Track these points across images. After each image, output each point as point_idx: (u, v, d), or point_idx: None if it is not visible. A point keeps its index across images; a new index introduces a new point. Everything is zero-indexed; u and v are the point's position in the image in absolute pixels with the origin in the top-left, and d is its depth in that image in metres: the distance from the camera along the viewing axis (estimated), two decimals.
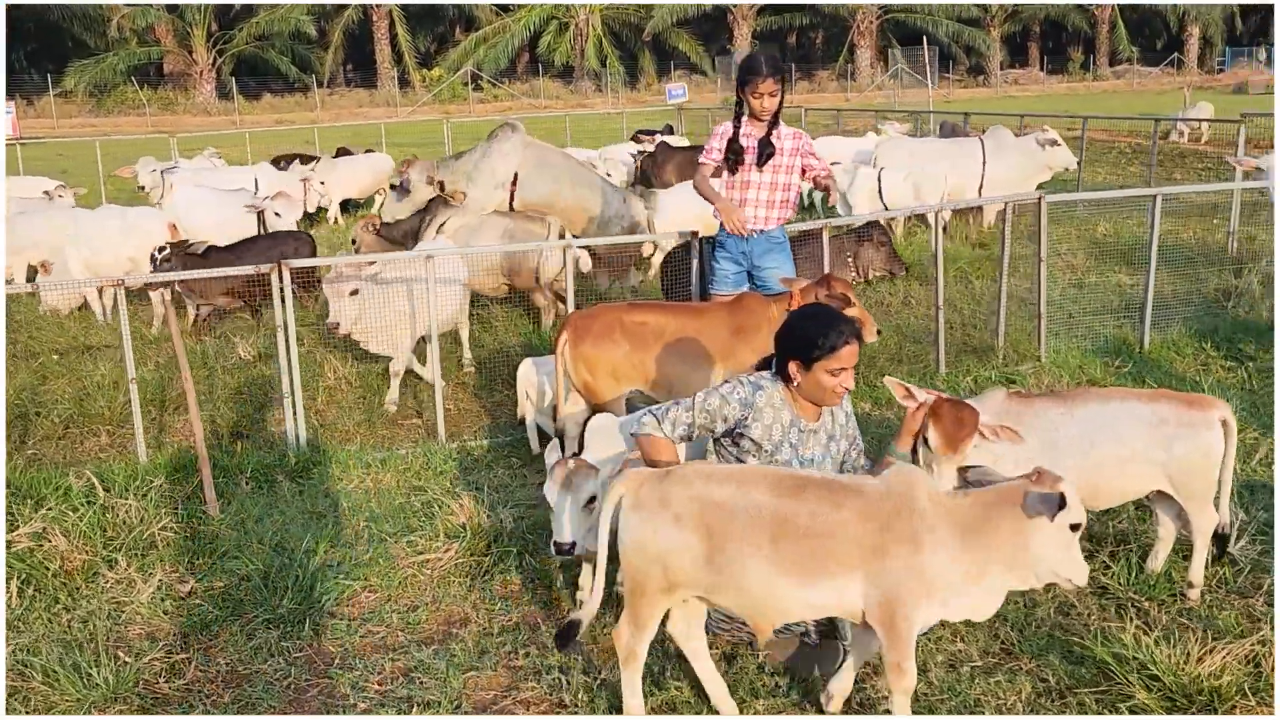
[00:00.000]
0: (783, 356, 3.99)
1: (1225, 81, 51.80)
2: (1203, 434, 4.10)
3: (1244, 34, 66.53)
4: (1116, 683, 3.63)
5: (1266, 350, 7.29)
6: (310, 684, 4.06)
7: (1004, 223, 7.10)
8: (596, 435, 4.49)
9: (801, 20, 61.56)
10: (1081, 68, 64.17)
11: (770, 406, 3.94)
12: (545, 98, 55.79)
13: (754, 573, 3.27)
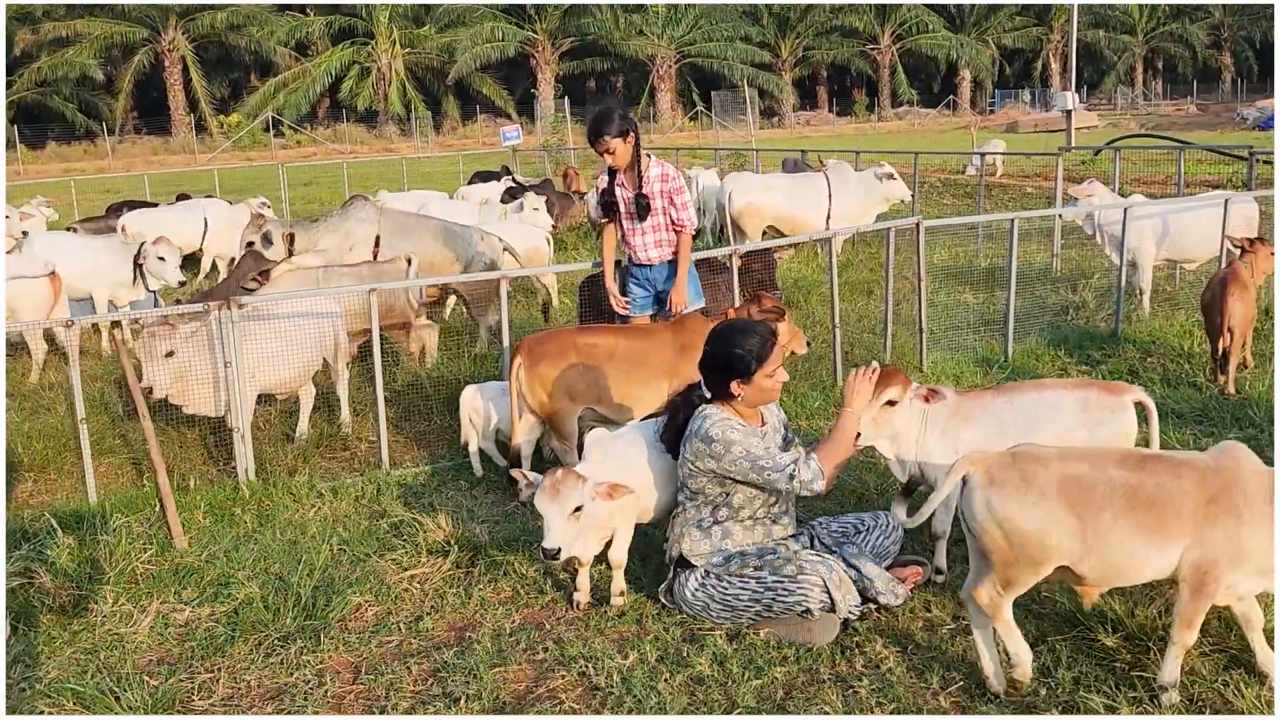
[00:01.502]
0: (719, 379, 4.47)
1: (998, 121, 55.50)
2: (1120, 415, 4.76)
3: (1010, 77, 71.50)
4: (1083, 628, 4.21)
5: (1111, 355, 8.21)
6: (346, 691, 4.26)
7: (888, 247, 7.78)
8: (595, 447, 4.83)
9: (602, 65, 62.91)
10: (866, 109, 67.65)
11: (727, 420, 4.43)
12: (350, 142, 55.23)
13: (1117, 541, 3.62)
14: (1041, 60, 70.40)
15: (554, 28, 59.36)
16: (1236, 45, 73.34)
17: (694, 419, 4.52)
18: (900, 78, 66.30)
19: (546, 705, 4.03)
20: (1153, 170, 19.23)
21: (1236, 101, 60.07)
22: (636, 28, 59.72)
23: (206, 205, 14.33)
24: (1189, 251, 9.41)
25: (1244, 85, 69.32)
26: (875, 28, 65.14)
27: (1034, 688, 3.91)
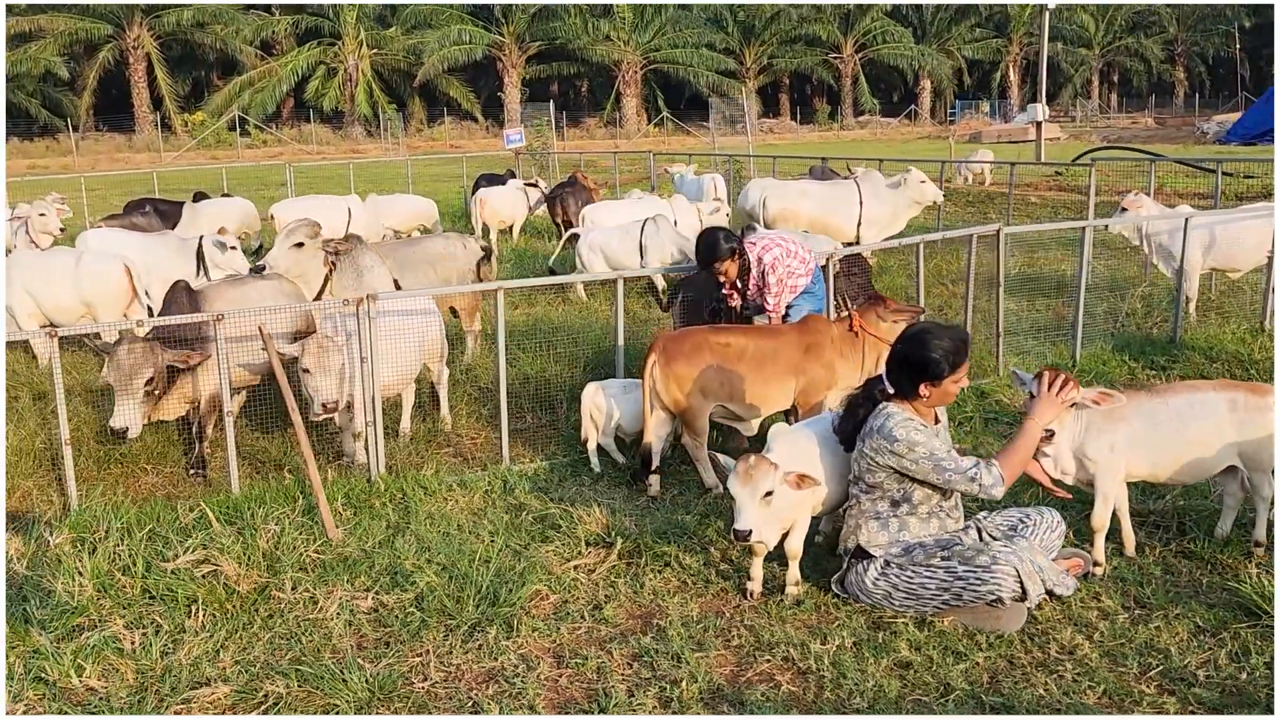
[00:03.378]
0: (910, 378, 4.66)
1: (961, 131, 56.29)
2: (1267, 415, 5.02)
3: (970, 88, 72.53)
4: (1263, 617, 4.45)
5: (1173, 360, 8.52)
6: (556, 674, 4.39)
7: (970, 253, 8.03)
8: (779, 438, 5.00)
9: (569, 69, 63.04)
10: (829, 117, 68.32)
11: (911, 420, 4.62)
12: (316, 143, 54.91)
13: None
14: (1001, 72, 71.51)
15: (521, 31, 59.41)
16: (1190, 60, 74.89)
17: (875, 415, 4.70)
18: (863, 87, 67.07)
19: (763, 688, 4.19)
20: (1128, 182, 19.78)
21: (1192, 115, 61.34)
22: (604, 33, 59.90)
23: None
24: (1235, 261, 9.76)
25: (1198, 99, 70.77)
26: (839, 37, 65.88)
27: (1232, 671, 4.14)
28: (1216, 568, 5.05)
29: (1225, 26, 72.35)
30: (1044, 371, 4.83)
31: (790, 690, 4.19)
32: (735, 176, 21.62)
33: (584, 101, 68.91)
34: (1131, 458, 4.94)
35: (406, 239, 9.97)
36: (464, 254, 9.60)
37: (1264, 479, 5.08)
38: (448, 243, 9.68)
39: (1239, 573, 4.88)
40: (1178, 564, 5.11)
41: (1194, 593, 4.82)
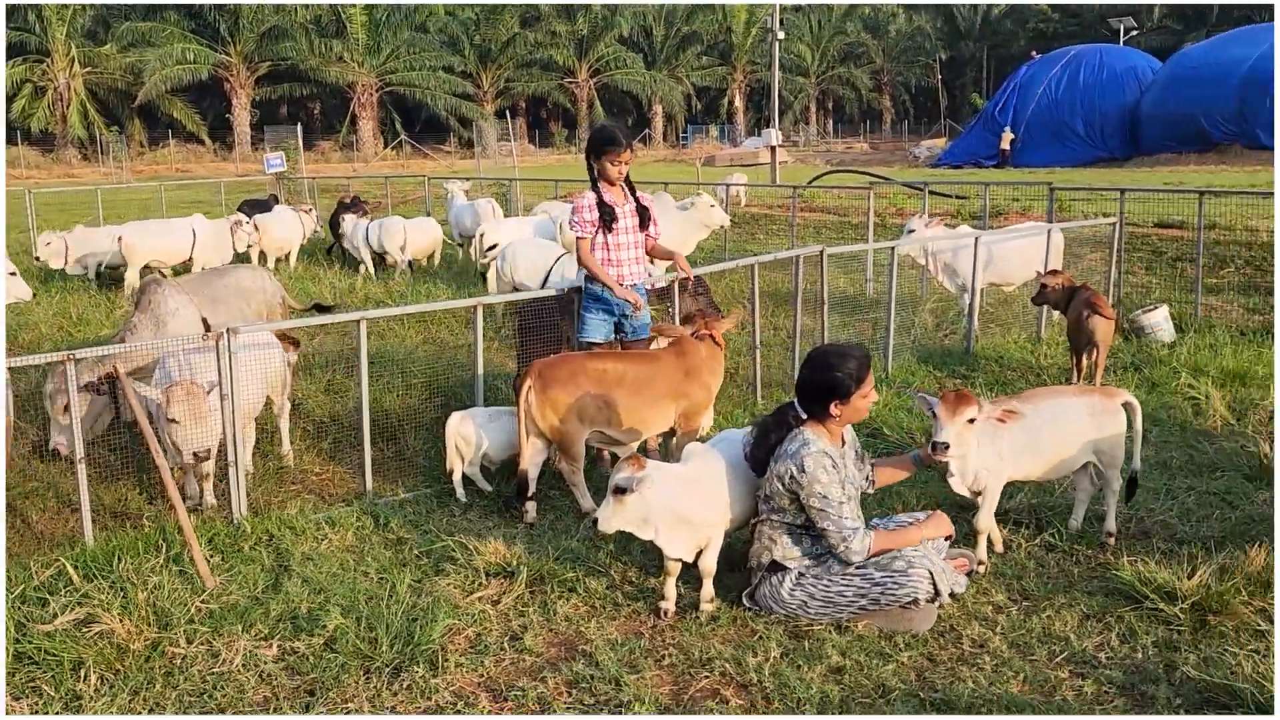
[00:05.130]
0: (819, 401, 4.88)
1: (693, 155, 58.26)
2: (1118, 416, 5.54)
3: (699, 113, 75.21)
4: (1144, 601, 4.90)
5: (972, 369, 9.19)
6: (500, 708, 4.33)
7: (796, 273, 8.40)
8: (694, 456, 5.10)
9: (301, 90, 61.28)
10: (566, 141, 69.24)
11: (824, 454, 4.83)
12: (23, 167, 51.12)
13: None
14: (728, 98, 74.55)
15: (250, 51, 57.33)
16: (895, 89, 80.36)
17: (791, 440, 4.87)
18: (598, 111, 68.34)
19: (711, 704, 4.27)
20: (858, 204, 21.23)
21: (902, 140, 65.84)
22: (336, 54, 58.56)
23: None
24: (1010, 276, 10.61)
25: (905, 125, 75.96)
26: (574, 62, 66.94)
27: (1127, 652, 4.55)
28: (1079, 558, 5.51)
29: (925, 59, 78.10)
30: (947, 393, 5.08)
31: (738, 703, 4.29)
32: (502, 200, 21.64)
33: (318, 124, 67.09)
34: (1014, 463, 5.33)
35: (215, 270, 9.46)
36: (271, 285, 9.25)
37: (1115, 474, 5.59)
38: (254, 274, 9.29)
39: (1109, 562, 5.34)
40: (1045, 556, 5.55)
41: (1068, 583, 5.24)
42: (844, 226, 20.47)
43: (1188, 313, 11.11)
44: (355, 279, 15.60)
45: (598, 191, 6.97)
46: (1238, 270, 14.02)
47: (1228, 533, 5.65)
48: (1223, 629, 4.64)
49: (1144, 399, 8.20)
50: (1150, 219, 16.81)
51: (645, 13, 70.25)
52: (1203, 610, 4.74)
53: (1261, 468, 6.59)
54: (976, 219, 16.64)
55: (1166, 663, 4.44)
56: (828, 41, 76.05)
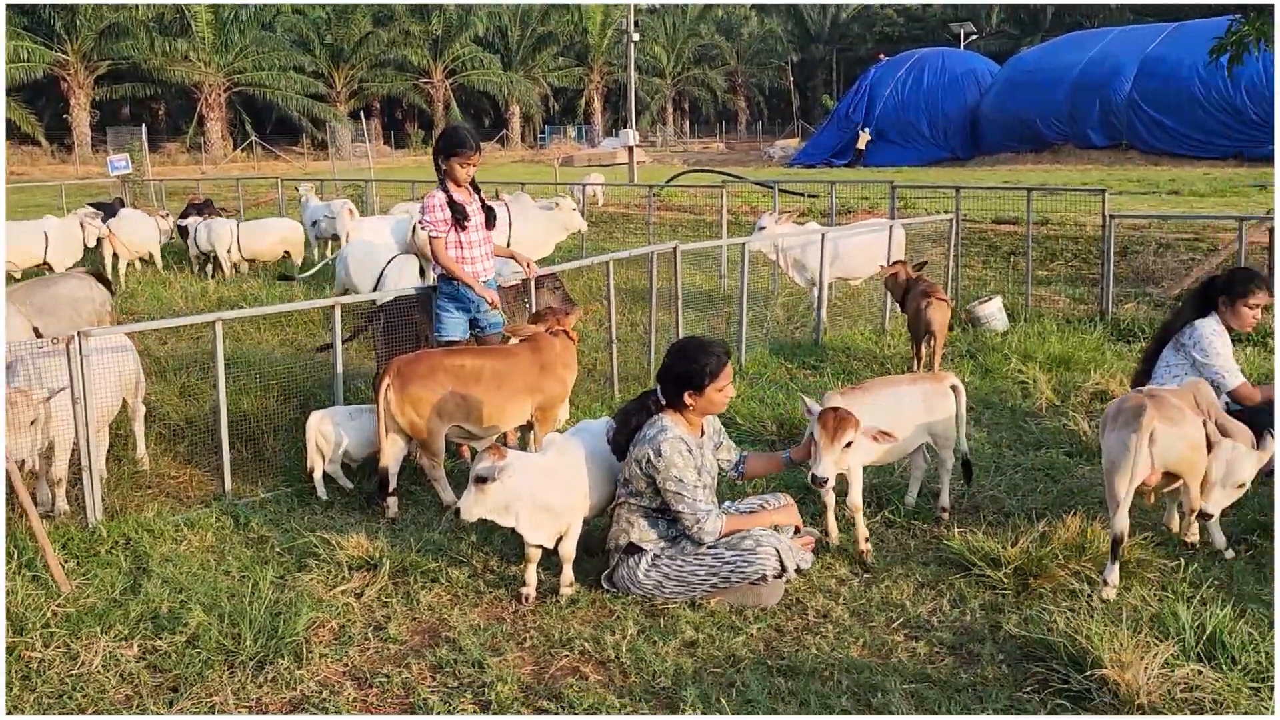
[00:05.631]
0: (675, 389, 5.13)
1: (551, 156, 58.31)
2: (947, 399, 5.91)
3: (557, 114, 75.32)
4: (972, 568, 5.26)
5: (821, 360, 9.58)
6: (365, 694, 4.44)
7: (651, 270, 8.65)
8: (551, 446, 5.28)
9: (144, 91, 59.31)
10: (422, 142, 68.55)
11: (681, 440, 5.07)
12: None
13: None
14: (585, 99, 74.84)
15: (88, 49, 55.21)
16: (749, 90, 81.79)
17: (650, 425, 5.09)
18: (455, 112, 67.87)
19: (571, 680, 4.46)
20: (713, 203, 21.73)
21: (757, 140, 67.09)
22: (181, 53, 56.81)
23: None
24: (856, 270, 11.07)
25: (760, 126, 77.39)
26: (429, 62, 66.30)
27: (957, 615, 4.89)
28: (915, 532, 5.87)
29: (777, 61, 79.72)
30: (827, 417, 5.23)
31: (597, 679, 4.48)
32: (358, 201, 21.45)
33: (164, 125, 65.04)
34: (866, 448, 5.63)
35: (43, 280, 9.22)
36: (100, 294, 9.07)
37: (948, 453, 5.97)
38: (81, 282, 9.08)
39: (942, 535, 5.70)
40: (884, 532, 5.90)
41: (905, 555, 5.59)
42: (699, 225, 20.88)
43: (1020, 303, 11.75)
44: (209, 282, 15.34)
45: (447, 191, 7.09)
46: (1066, 263, 14.82)
47: (1049, 504, 6.09)
48: (1042, 590, 5.02)
49: (978, 384, 8.71)
50: (989, 215, 17.60)
51: (500, 13, 70.04)
52: (1025, 574, 5.12)
53: (1081, 444, 7.08)
54: (826, 217, 17.19)
55: (992, 623, 4.79)
56: (682, 43, 77.01)
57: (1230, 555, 5.40)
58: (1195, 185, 23.68)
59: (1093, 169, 32.65)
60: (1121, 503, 4.94)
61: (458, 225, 7.03)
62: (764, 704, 4.18)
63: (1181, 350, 6.34)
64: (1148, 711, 3.95)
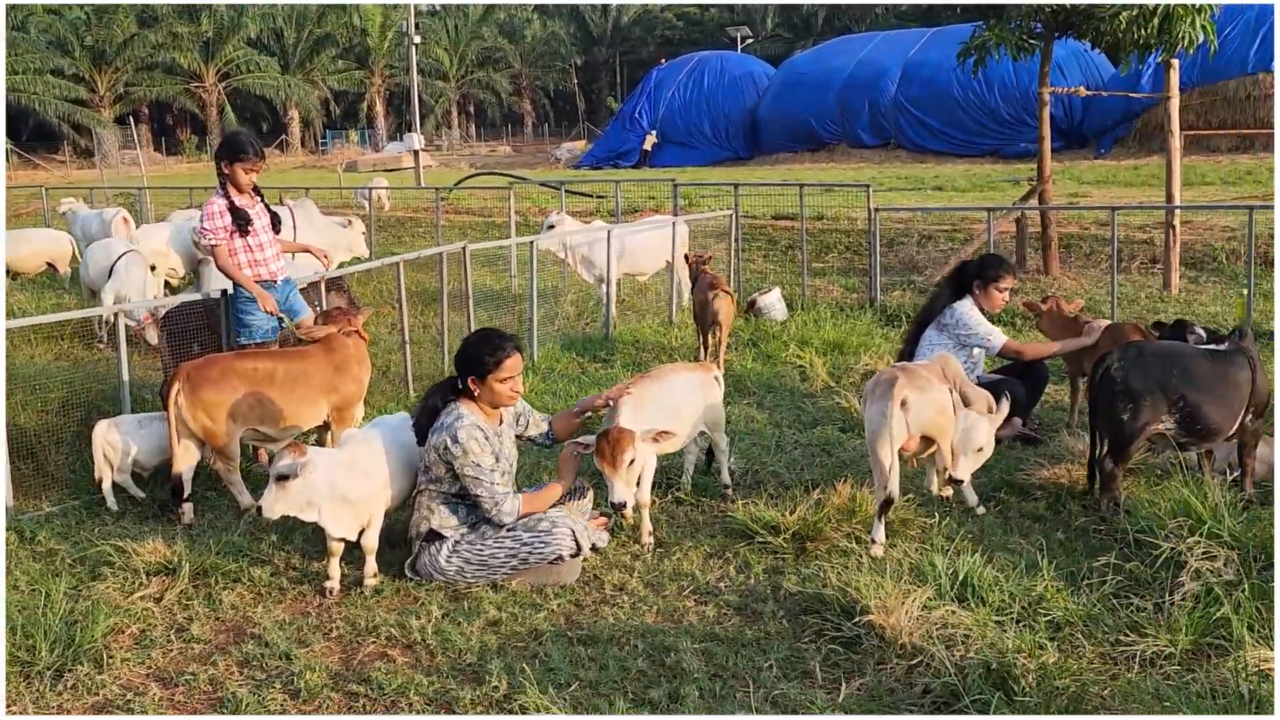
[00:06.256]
0: (463, 376, 5.35)
1: (334, 160, 57.11)
2: (717, 387, 6.31)
3: (338, 118, 73.76)
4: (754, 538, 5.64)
5: (612, 353, 9.93)
6: (172, 693, 4.47)
7: (441, 270, 8.79)
8: (349, 442, 5.38)
9: None
10: (196, 148, 66.01)
11: (477, 427, 5.28)
12: None
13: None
14: (367, 102, 73.52)
15: None
16: (534, 93, 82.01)
17: (447, 413, 5.27)
18: (230, 117, 65.62)
19: (380, 664, 4.60)
20: (502, 205, 21.97)
21: (544, 142, 67.42)
22: None
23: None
24: (642, 266, 11.46)
25: (546, 128, 77.71)
26: (200, 65, 63.87)
27: (742, 580, 5.27)
28: (703, 508, 6.23)
29: (561, 63, 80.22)
30: (602, 446, 5.38)
31: (404, 661, 4.64)
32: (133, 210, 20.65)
33: None
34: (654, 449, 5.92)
35: None
36: None
37: (720, 435, 6.37)
38: None
39: (727, 508, 6.08)
40: (674, 509, 6.24)
41: (694, 529, 5.94)
42: (489, 227, 21.00)
43: (798, 293, 12.41)
44: None
45: (227, 197, 7.07)
46: (839, 255, 15.67)
47: (825, 476, 6.55)
48: (817, 552, 5.45)
49: (761, 369, 9.21)
50: (768, 212, 18.38)
51: (274, 14, 67.95)
52: (802, 539, 5.54)
53: (853, 421, 7.62)
54: (613, 216, 17.61)
55: (773, 584, 5.18)
56: (465, 46, 76.54)
57: (981, 511, 5.97)
58: (957, 181, 25.25)
59: (865, 167, 34.33)
60: (887, 468, 5.41)
61: (240, 230, 7.01)
62: (565, 670, 4.43)
63: (945, 330, 6.98)
64: (908, 651, 4.39)
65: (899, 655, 4.40)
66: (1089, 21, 11.83)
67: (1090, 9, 11.70)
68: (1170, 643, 4.36)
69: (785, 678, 4.35)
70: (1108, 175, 25.76)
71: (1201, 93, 32.57)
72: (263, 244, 7.18)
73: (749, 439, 7.40)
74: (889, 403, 5.39)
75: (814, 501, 5.83)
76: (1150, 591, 4.86)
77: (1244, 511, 5.37)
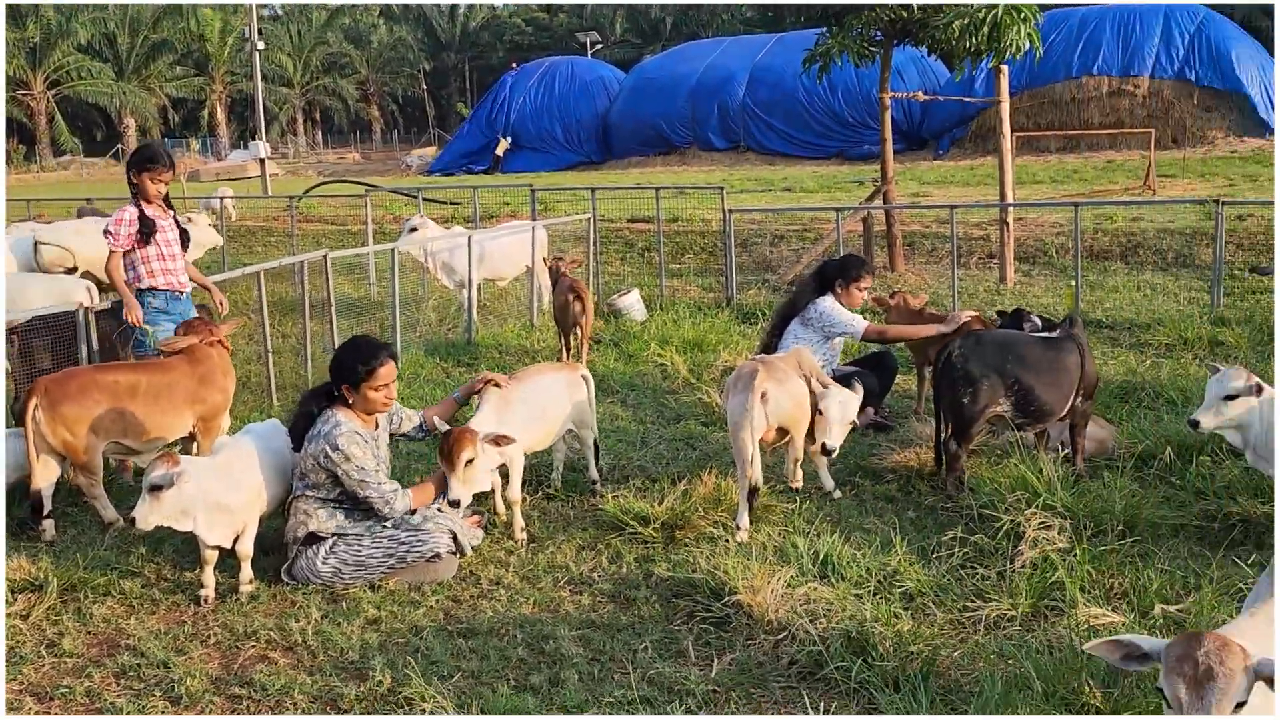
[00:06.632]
0: (338, 384, 5.44)
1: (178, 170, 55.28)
2: (583, 386, 6.50)
3: (177, 126, 71.61)
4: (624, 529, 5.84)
5: (475, 358, 10.03)
6: (47, 708, 4.43)
7: (302, 279, 8.77)
8: (223, 449, 5.38)
9: None
10: (25, 159, 63.30)
11: (355, 432, 5.37)
12: None
13: None
14: (208, 110, 71.53)
15: None
16: (383, 99, 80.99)
17: (324, 420, 5.34)
18: (60, 125, 63.15)
19: (261, 667, 4.65)
20: (354, 214, 21.86)
21: (394, 149, 66.64)
22: None
23: None
24: (502, 271, 11.58)
25: (396, 135, 76.84)
26: (27, 72, 61.28)
27: (615, 569, 5.46)
28: (574, 503, 6.41)
29: (409, 69, 79.43)
30: (443, 443, 5.45)
31: (286, 662, 4.70)
32: None
33: None
34: (528, 435, 6.07)
35: None
36: None
37: (588, 432, 6.55)
38: None
39: (598, 503, 6.26)
40: (546, 506, 6.41)
41: (566, 523, 6.12)
42: (344, 235, 20.80)
43: (656, 294, 12.68)
44: None
45: (139, 207, 7.05)
46: (695, 256, 16.03)
47: (690, 467, 6.80)
48: (686, 540, 5.68)
49: (623, 369, 9.43)
50: (624, 215, 18.66)
51: (106, 19, 65.52)
52: (671, 528, 5.77)
53: (714, 415, 7.90)
54: (470, 222, 17.64)
55: (645, 571, 5.39)
56: (310, 51, 75.10)
57: (838, 495, 6.29)
58: (805, 183, 26.01)
59: (716, 170, 35.00)
60: (749, 457, 5.67)
61: (145, 240, 7.00)
62: (448, 663, 4.56)
63: (809, 324, 7.33)
64: (775, 627, 4.64)
65: (766, 631, 4.65)
66: (925, 30, 12.42)
67: (925, 18, 12.28)
68: (1012, 606, 4.73)
69: (660, 658, 4.55)
70: (946, 175, 26.89)
71: (1031, 96, 34.28)
72: (175, 254, 7.26)
73: (615, 436, 7.60)
74: (749, 395, 5.66)
75: (681, 492, 6.06)
76: (994, 561, 5.23)
77: (1075, 484, 5.82)
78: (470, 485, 5.47)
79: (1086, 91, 34.38)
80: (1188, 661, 2.70)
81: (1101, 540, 5.23)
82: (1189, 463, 6.20)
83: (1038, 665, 4.07)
